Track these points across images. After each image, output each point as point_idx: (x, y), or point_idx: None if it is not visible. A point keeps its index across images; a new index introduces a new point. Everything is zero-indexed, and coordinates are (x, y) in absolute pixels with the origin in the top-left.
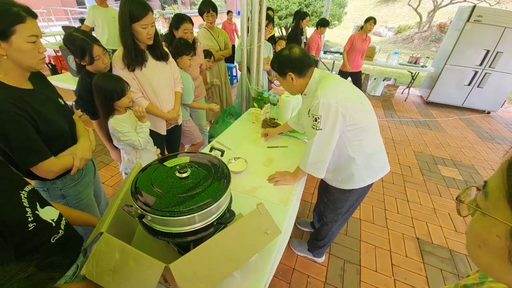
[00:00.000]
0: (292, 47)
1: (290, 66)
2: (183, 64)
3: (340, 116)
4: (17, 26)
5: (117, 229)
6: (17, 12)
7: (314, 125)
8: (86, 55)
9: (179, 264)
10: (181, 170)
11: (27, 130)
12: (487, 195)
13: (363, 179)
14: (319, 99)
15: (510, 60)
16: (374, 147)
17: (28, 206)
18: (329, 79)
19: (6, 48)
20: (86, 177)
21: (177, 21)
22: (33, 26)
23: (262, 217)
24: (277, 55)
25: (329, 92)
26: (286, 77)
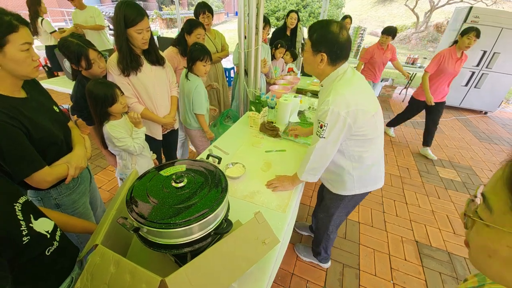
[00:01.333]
0: (343, 27)
1: (329, 48)
2: (197, 70)
3: (346, 127)
4: (10, 35)
5: (113, 240)
6: (9, 21)
7: (319, 132)
8: (82, 60)
9: (175, 277)
10: (177, 179)
11: (20, 140)
12: (492, 208)
13: (353, 188)
14: (329, 106)
15: (507, 60)
16: (373, 160)
17: (22, 219)
18: (348, 84)
19: (0, 58)
20: (82, 185)
21: (191, 25)
22: (26, 34)
23: (260, 226)
24: (323, 27)
25: (342, 101)
26: (317, 55)
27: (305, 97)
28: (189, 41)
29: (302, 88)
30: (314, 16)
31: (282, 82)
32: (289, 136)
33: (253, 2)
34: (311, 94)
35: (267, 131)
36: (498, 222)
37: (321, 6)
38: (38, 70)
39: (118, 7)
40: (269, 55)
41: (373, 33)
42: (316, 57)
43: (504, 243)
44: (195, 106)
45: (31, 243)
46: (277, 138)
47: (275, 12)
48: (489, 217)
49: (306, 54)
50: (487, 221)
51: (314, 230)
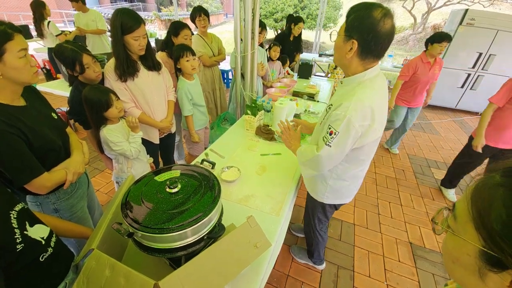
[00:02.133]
0: (388, 16)
1: (362, 36)
2: (184, 68)
3: (353, 140)
4: (6, 44)
5: (109, 244)
6: (4, 30)
7: (326, 138)
8: (76, 64)
9: (169, 281)
10: (171, 185)
11: (20, 147)
12: (456, 217)
13: (322, 197)
14: (347, 113)
15: (503, 62)
16: (354, 178)
17: (17, 227)
18: (373, 94)
19: (0, 68)
20: (79, 190)
21: (176, 28)
22: (21, 41)
23: (252, 230)
24: (364, 8)
25: (362, 111)
26: (348, 41)
27: (301, 100)
28: (176, 43)
29: (299, 91)
30: (312, 18)
31: (279, 85)
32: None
33: (249, 7)
34: (307, 97)
35: (263, 134)
36: (460, 230)
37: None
38: (38, 75)
39: (115, 15)
40: (265, 58)
41: None
42: (346, 43)
43: (465, 251)
44: (180, 107)
45: (25, 250)
46: (273, 141)
47: (273, 14)
48: (454, 226)
49: (338, 39)
50: (452, 229)
51: (304, 232)
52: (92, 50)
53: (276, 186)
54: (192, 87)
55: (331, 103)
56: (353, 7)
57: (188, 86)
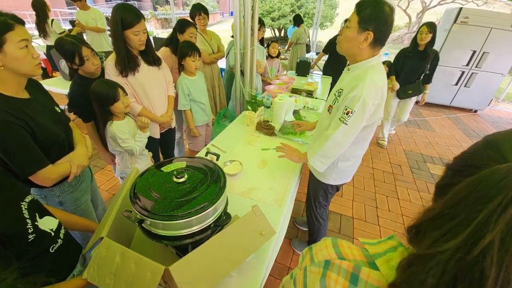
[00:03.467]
0: (393, 10)
1: (378, 28)
2: (188, 66)
3: (366, 118)
4: (6, 34)
5: (117, 234)
6: (4, 20)
7: (343, 118)
8: (76, 57)
9: (178, 266)
10: (178, 175)
11: (25, 139)
12: None
13: (330, 178)
14: (362, 93)
15: (496, 60)
16: (358, 157)
17: (29, 217)
18: (382, 75)
19: (1, 58)
20: (83, 183)
21: (182, 25)
22: (22, 32)
23: (257, 219)
24: (376, 4)
25: (375, 91)
26: (362, 33)
27: (300, 97)
28: (181, 40)
29: (297, 87)
30: (309, 17)
31: (278, 82)
32: (294, 130)
33: (248, 4)
34: (306, 94)
35: (263, 129)
36: None
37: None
38: (40, 67)
39: (115, 10)
40: (264, 55)
41: None
42: (360, 35)
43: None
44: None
45: (36, 240)
46: (273, 136)
47: (270, 12)
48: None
49: (349, 31)
50: None
51: (307, 220)
52: None
53: (278, 179)
54: (191, 83)
55: (340, 88)
56: (363, 2)
57: (187, 82)
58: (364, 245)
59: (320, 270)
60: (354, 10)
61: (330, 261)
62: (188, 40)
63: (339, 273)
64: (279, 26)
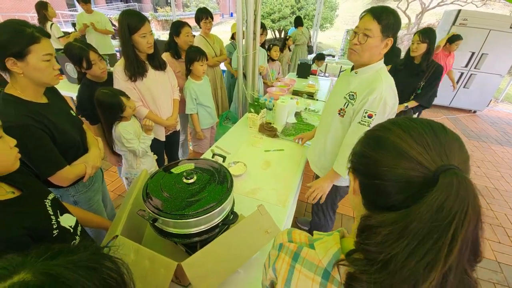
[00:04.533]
0: None
1: (396, 33)
2: (196, 71)
3: (386, 118)
4: (32, 46)
5: (128, 232)
6: (31, 33)
7: (366, 121)
8: (83, 61)
9: (190, 262)
10: (187, 176)
11: (45, 142)
12: None
13: (341, 180)
14: (383, 95)
15: (495, 61)
16: None
17: (52, 214)
18: (391, 77)
19: (22, 66)
20: (96, 183)
21: (176, 27)
22: (48, 46)
23: (263, 218)
24: (394, 12)
25: (392, 92)
26: (384, 39)
27: (301, 99)
28: (179, 42)
29: (298, 89)
30: (309, 18)
31: (279, 84)
32: (296, 141)
33: (251, 9)
34: (307, 96)
35: (266, 131)
36: None
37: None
38: (59, 77)
39: (121, 17)
40: (266, 58)
41: None
42: (382, 42)
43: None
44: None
45: (59, 236)
46: (275, 138)
47: (270, 14)
48: None
49: (373, 40)
50: None
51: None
52: None
53: (281, 179)
54: (198, 87)
55: (350, 91)
56: (382, 11)
57: (194, 86)
58: (314, 235)
59: (276, 252)
60: (372, 18)
61: (282, 244)
62: (195, 46)
63: (286, 253)
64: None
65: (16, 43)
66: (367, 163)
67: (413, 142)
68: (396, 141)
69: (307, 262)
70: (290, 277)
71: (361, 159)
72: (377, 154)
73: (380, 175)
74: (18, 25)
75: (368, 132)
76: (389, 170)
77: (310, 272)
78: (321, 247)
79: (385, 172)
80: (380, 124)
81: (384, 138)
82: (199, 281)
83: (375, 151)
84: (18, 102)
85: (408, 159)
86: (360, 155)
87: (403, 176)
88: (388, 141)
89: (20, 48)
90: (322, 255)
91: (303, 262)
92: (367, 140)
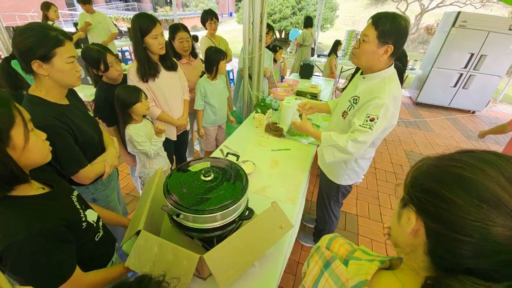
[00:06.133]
0: (408, 22)
1: (397, 40)
2: (221, 70)
3: (386, 124)
4: (57, 49)
5: (149, 228)
6: (56, 36)
7: (367, 124)
8: (101, 63)
9: (211, 254)
10: (205, 174)
11: (70, 141)
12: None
13: (341, 179)
14: (384, 101)
15: (493, 62)
16: (367, 160)
17: (80, 208)
18: (397, 85)
19: (47, 69)
20: (113, 182)
21: (171, 32)
22: (71, 49)
23: (276, 214)
24: (394, 18)
25: (394, 99)
26: (382, 46)
27: (305, 99)
28: (175, 46)
29: (302, 90)
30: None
31: (283, 85)
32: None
33: (257, 12)
34: (311, 96)
35: (272, 131)
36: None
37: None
38: (80, 79)
39: (133, 21)
40: (271, 59)
41: None
42: (380, 48)
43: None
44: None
45: (87, 228)
46: (282, 137)
47: (271, 14)
48: None
49: (367, 45)
50: None
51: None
52: None
53: (289, 178)
54: (209, 86)
55: (355, 95)
56: (380, 17)
57: (205, 84)
58: (358, 251)
59: (313, 251)
60: (371, 24)
61: (319, 247)
62: (213, 46)
63: (320, 258)
64: (280, 28)
65: (42, 46)
66: (445, 209)
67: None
68: (495, 189)
69: (335, 276)
70: (318, 280)
71: (433, 200)
72: (465, 202)
73: (467, 229)
74: (43, 28)
75: (445, 167)
76: (483, 227)
77: (335, 286)
78: (354, 267)
79: (476, 227)
80: (462, 159)
81: (476, 182)
82: (220, 272)
83: (460, 198)
84: (43, 104)
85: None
86: (431, 193)
87: (504, 237)
88: (482, 188)
89: (45, 51)
90: (351, 276)
91: (332, 273)
92: (445, 177)
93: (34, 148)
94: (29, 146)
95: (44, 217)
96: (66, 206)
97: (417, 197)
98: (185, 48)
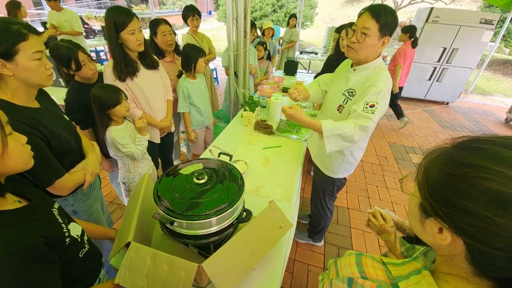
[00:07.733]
0: None
1: (392, 32)
2: (199, 67)
3: (384, 109)
4: (19, 44)
5: (139, 238)
6: (17, 30)
7: (368, 110)
8: (72, 62)
9: (210, 262)
10: (199, 176)
11: (42, 149)
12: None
13: (338, 172)
14: (382, 88)
15: (464, 55)
16: (361, 150)
17: (62, 222)
18: (388, 74)
19: (12, 68)
20: (94, 191)
21: (152, 26)
22: (36, 43)
23: (275, 213)
24: (392, 11)
25: (388, 83)
26: (382, 38)
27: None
28: (158, 42)
29: (288, 87)
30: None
31: (269, 82)
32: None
33: (241, 7)
34: None
35: (261, 129)
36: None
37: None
38: (52, 77)
39: (107, 14)
40: (256, 57)
41: None
42: (380, 40)
43: (413, 203)
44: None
45: (71, 244)
46: (271, 135)
47: (251, 12)
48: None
49: (370, 39)
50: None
51: (311, 213)
52: None
53: (282, 175)
54: (191, 86)
55: (349, 88)
56: (380, 9)
57: (187, 84)
58: (387, 265)
59: (344, 286)
60: (370, 17)
61: (353, 280)
62: (190, 43)
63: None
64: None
65: (2, 42)
66: (486, 229)
67: None
68: None
69: None
70: None
71: (469, 219)
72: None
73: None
74: (2, 22)
75: (467, 178)
76: None
77: None
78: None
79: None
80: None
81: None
82: (221, 281)
83: (500, 216)
84: (10, 108)
85: None
86: (464, 212)
87: None
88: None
89: (7, 47)
90: None
91: None
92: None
93: (14, 154)
94: (8, 151)
95: (23, 234)
96: (47, 220)
97: (445, 213)
98: (169, 42)
